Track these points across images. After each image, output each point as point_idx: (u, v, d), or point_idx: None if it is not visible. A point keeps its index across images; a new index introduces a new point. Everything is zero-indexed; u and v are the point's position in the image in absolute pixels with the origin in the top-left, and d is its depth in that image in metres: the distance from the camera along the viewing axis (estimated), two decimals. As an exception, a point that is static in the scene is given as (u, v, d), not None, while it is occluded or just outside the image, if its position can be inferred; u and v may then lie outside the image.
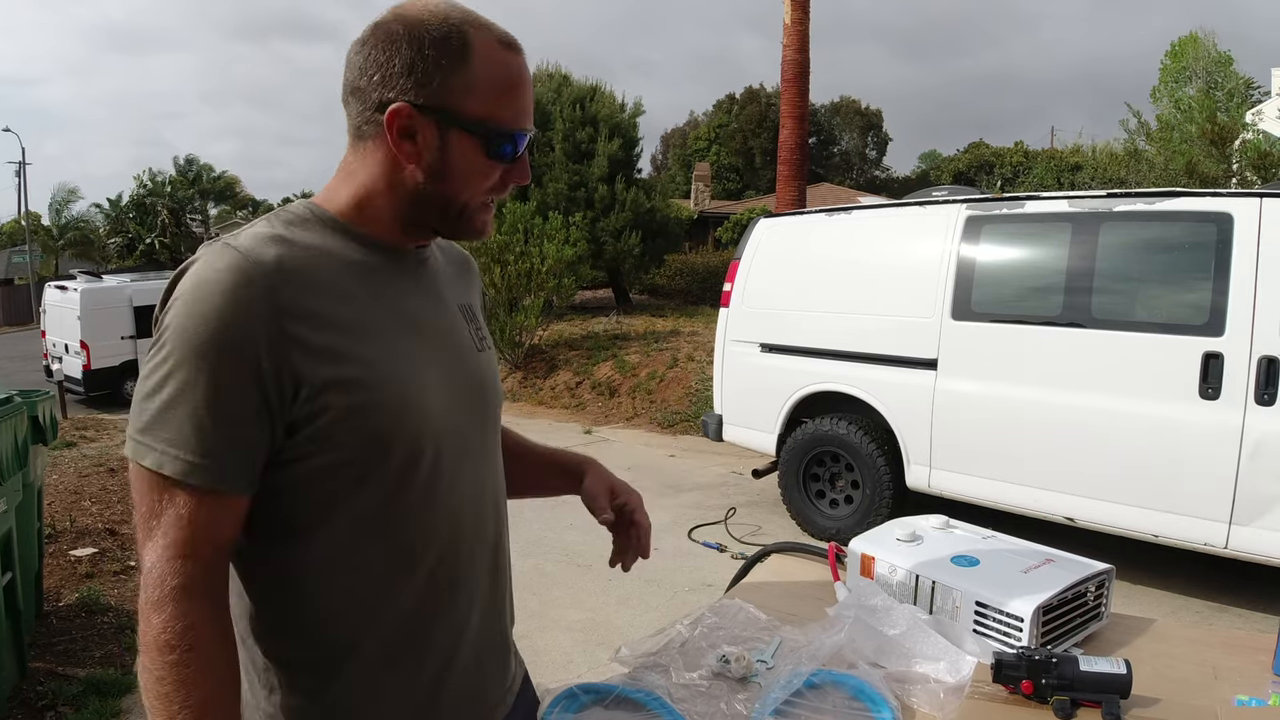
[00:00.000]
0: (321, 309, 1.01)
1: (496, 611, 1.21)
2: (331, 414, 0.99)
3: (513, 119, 1.07)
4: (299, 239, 1.05)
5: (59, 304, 14.86)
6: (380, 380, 1.02)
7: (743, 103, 47.42)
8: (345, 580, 1.04)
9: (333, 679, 1.05)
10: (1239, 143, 16.81)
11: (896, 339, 5.45)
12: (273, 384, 0.96)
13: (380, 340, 1.05)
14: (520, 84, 1.08)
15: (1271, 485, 4.07)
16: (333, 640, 1.05)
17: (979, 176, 38.06)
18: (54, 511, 6.27)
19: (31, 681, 3.72)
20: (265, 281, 0.96)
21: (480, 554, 1.16)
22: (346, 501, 1.03)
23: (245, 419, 0.96)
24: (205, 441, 0.94)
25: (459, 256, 1.33)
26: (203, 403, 0.94)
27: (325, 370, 0.98)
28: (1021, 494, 4.94)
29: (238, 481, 0.97)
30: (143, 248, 37.20)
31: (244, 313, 0.95)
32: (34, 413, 3.86)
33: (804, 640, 1.30)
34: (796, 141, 12.38)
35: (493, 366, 1.25)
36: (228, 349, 0.94)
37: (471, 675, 1.15)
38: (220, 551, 0.99)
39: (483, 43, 1.05)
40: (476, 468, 1.16)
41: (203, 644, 0.94)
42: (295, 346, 0.97)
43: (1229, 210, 4.34)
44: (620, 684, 1.20)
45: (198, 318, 0.94)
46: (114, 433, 11.02)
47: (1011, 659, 1.18)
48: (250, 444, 0.97)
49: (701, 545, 5.75)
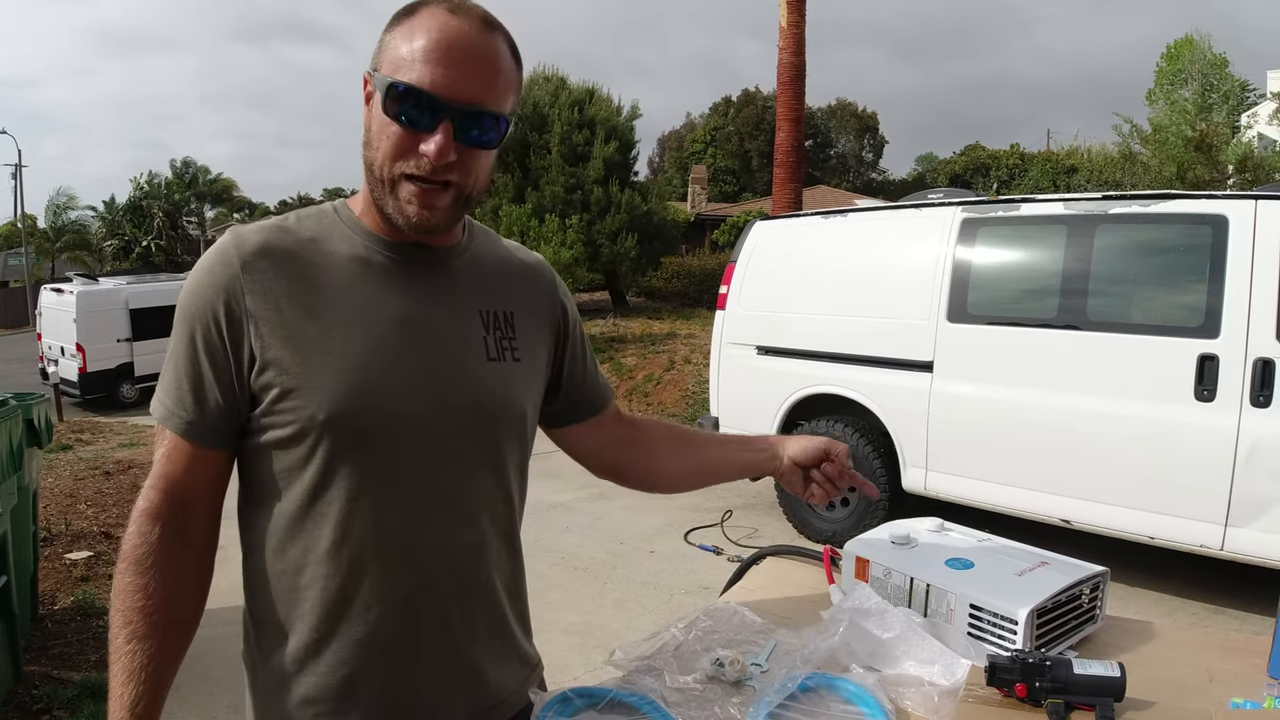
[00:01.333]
0: (286, 292, 1.07)
1: (456, 628, 1.16)
2: (275, 392, 1.05)
3: (419, 76, 1.02)
4: (299, 229, 1.12)
5: (55, 307, 14.85)
6: (326, 367, 1.05)
7: (739, 105, 47.49)
8: (281, 559, 1.10)
9: (275, 646, 1.12)
10: (1229, 148, 16.86)
11: (892, 341, 5.46)
12: (231, 353, 1.06)
13: (340, 332, 1.07)
14: (446, 45, 1.02)
15: (1267, 487, 4.08)
16: (273, 609, 1.12)
17: (975, 179, 38.13)
18: (49, 515, 6.27)
19: (27, 685, 3.72)
20: (239, 261, 1.06)
21: (439, 564, 1.14)
22: (285, 480, 1.08)
23: (210, 381, 1.06)
24: (180, 395, 1.07)
25: (523, 265, 1.32)
26: (181, 362, 1.08)
27: (275, 350, 1.05)
28: (1018, 496, 4.95)
29: (205, 436, 1.08)
30: (139, 250, 37.14)
31: (213, 286, 1.06)
32: (29, 415, 3.85)
33: (798, 643, 1.30)
34: (793, 144, 12.39)
35: (505, 377, 1.19)
36: (197, 317, 1.06)
37: (397, 690, 1.13)
38: (192, 496, 1.09)
39: (430, 10, 1.04)
40: (453, 473, 1.14)
41: (157, 563, 1.06)
42: (252, 323, 1.05)
43: (1224, 212, 4.35)
44: (614, 687, 1.20)
45: (186, 289, 1.09)
46: (110, 436, 11.00)
47: (1005, 662, 1.18)
48: (216, 404, 1.07)
49: (698, 548, 5.75)
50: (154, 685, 1.06)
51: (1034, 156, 37.77)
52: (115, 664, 1.04)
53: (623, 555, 5.55)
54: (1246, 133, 17.91)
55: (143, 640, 1.04)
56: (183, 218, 41.87)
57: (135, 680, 1.04)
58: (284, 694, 1.12)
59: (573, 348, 1.36)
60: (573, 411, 1.40)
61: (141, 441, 10.31)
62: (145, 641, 1.04)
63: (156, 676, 1.06)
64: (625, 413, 1.51)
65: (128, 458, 9.04)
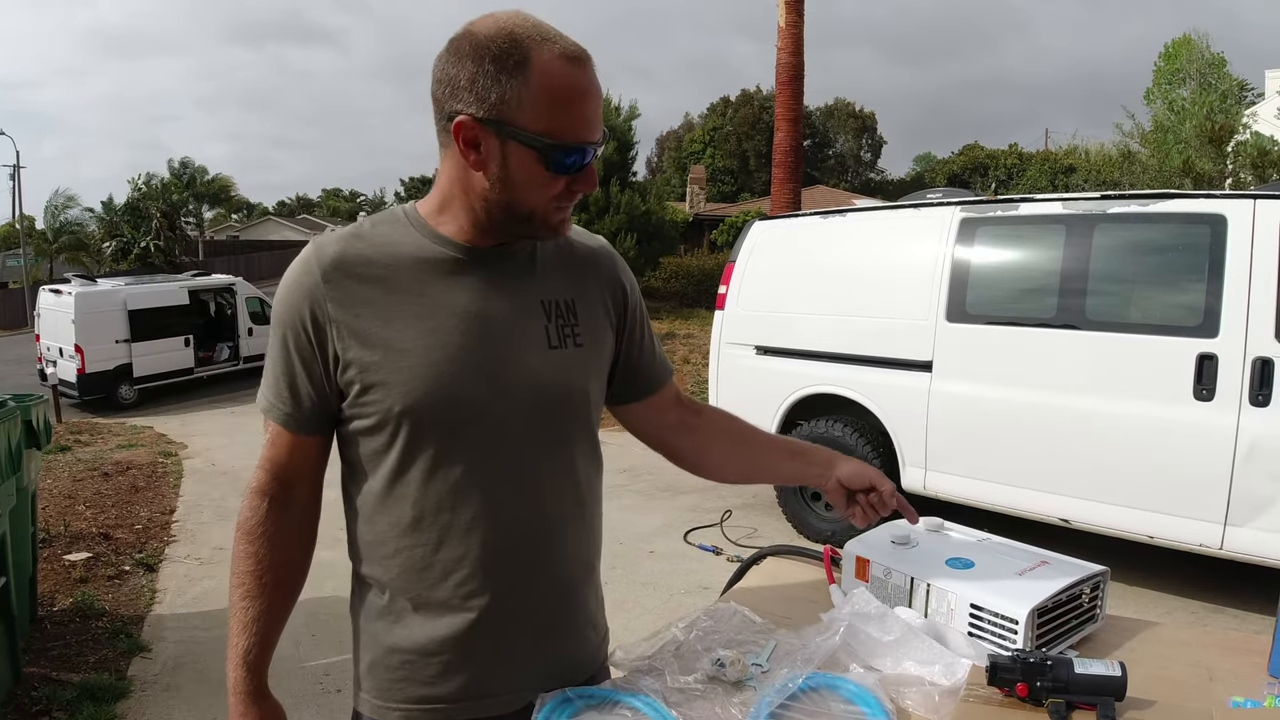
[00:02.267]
0: (362, 297, 1.19)
1: (526, 597, 1.27)
2: (357, 387, 1.19)
3: (570, 131, 1.12)
4: (373, 235, 1.23)
5: (54, 308, 14.82)
6: (401, 366, 1.17)
7: (737, 106, 47.51)
8: (372, 530, 1.25)
9: (372, 602, 1.28)
10: (1235, 142, 16.86)
11: (891, 341, 5.46)
12: (319, 354, 1.19)
13: (412, 330, 1.18)
14: (580, 96, 1.13)
15: (1266, 486, 4.08)
16: (369, 571, 1.27)
17: (974, 179, 38.16)
18: (48, 516, 6.27)
19: (26, 686, 3.71)
20: (319, 271, 1.19)
21: (509, 538, 1.24)
22: (371, 464, 1.23)
23: (303, 379, 1.21)
24: (278, 390, 1.22)
25: (586, 251, 1.38)
26: (277, 361, 1.22)
27: (355, 350, 1.18)
28: (1017, 496, 4.95)
29: (301, 425, 1.23)
30: (137, 251, 37.08)
31: (298, 294, 1.19)
32: (28, 417, 3.85)
33: (799, 644, 1.30)
34: (791, 144, 12.39)
35: (566, 362, 1.28)
36: (288, 323, 1.20)
37: (472, 651, 1.25)
38: (293, 476, 1.26)
39: (543, 57, 1.10)
40: (518, 455, 1.24)
41: (265, 533, 1.24)
42: (333, 326, 1.18)
43: (1223, 212, 4.35)
44: (614, 688, 1.20)
45: (277, 298, 1.22)
46: (108, 437, 11.00)
47: (1006, 662, 1.18)
48: (309, 398, 1.21)
49: (698, 548, 5.75)
50: (263, 637, 1.25)
51: (1032, 156, 37.83)
52: (232, 620, 1.24)
53: (622, 555, 5.54)
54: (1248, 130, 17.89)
55: (254, 599, 1.23)
56: (181, 218, 41.79)
57: (247, 633, 1.23)
58: (378, 642, 1.27)
59: (632, 328, 1.42)
60: (630, 390, 1.46)
61: (140, 443, 10.31)
62: (255, 600, 1.23)
63: (265, 630, 1.24)
64: (686, 397, 1.57)
65: (126, 459, 9.04)
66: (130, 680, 3.95)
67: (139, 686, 3.91)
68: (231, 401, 14.52)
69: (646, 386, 1.46)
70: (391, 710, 1.27)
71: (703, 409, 1.56)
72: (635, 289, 1.44)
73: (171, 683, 3.96)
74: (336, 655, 4.08)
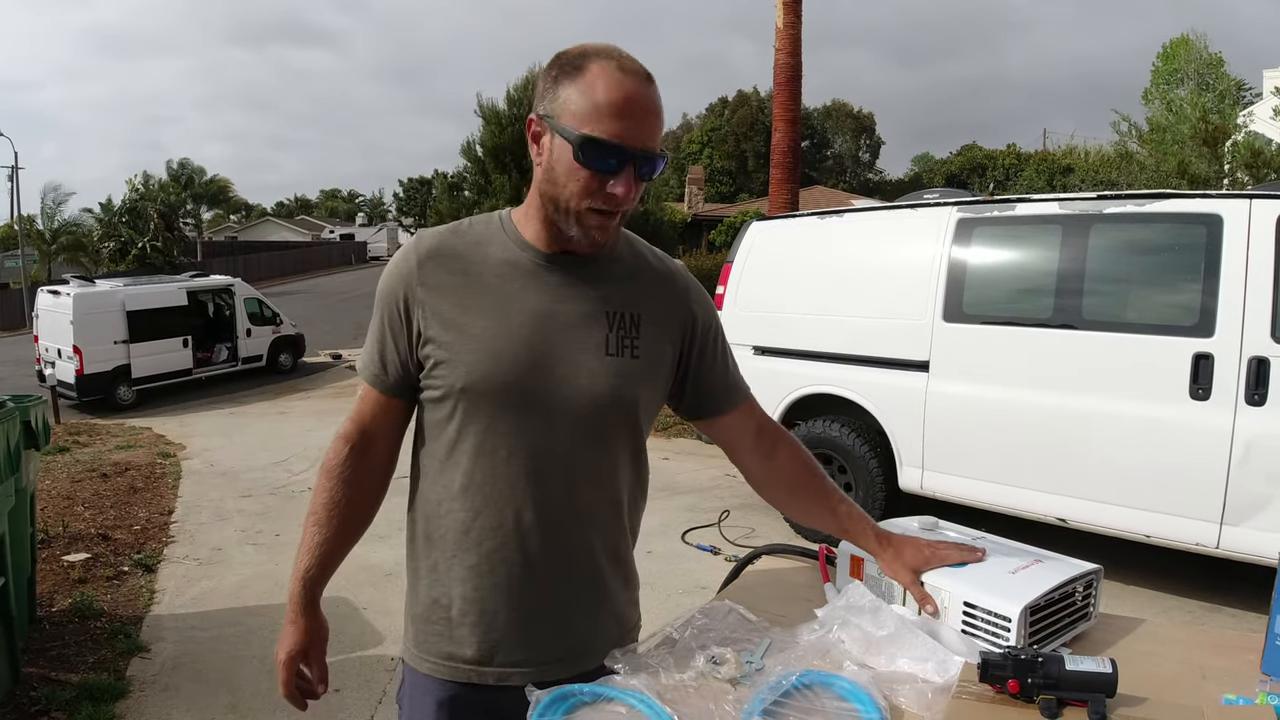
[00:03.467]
0: (449, 285, 1.35)
1: (546, 575, 1.38)
2: (431, 362, 1.35)
3: (604, 128, 1.22)
4: (468, 233, 1.41)
5: (52, 309, 14.81)
6: (469, 348, 1.32)
7: (735, 106, 47.52)
8: (432, 490, 1.41)
9: (423, 557, 1.44)
10: (1230, 143, 16.86)
11: (888, 341, 5.47)
12: (406, 329, 1.37)
13: (484, 319, 1.33)
14: (623, 100, 1.22)
15: (1262, 485, 4.09)
16: (424, 530, 1.43)
17: (971, 179, 38.18)
18: (47, 517, 6.27)
19: (25, 687, 3.72)
20: (416, 259, 1.38)
21: (542, 518, 1.36)
22: (435, 431, 1.39)
23: (391, 349, 1.39)
24: (371, 357, 1.42)
25: (659, 273, 1.48)
26: (375, 332, 1.41)
27: (434, 329, 1.34)
28: (1014, 495, 4.95)
29: (386, 388, 1.41)
30: (135, 252, 37.05)
31: (397, 277, 1.38)
32: (26, 418, 3.85)
33: (793, 641, 1.31)
34: (789, 145, 12.38)
35: (621, 370, 1.37)
36: (387, 300, 1.39)
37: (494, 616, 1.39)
38: (375, 430, 1.44)
39: (600, 66, 1.23)
40: (562, 445, 1.35)
41: (342, 474, 1.42)
42: (420, 307, 1.35)
43: (1218, 211, 4.36)
44: (609, 685, 1.21)
45: (382, 279, 1.41)
46: (106, 438, 10.99)
47: (998, 659, 1.19)
48: (395, 366, 1.39)
49: (695, 548, 5.76)
50: (323, 561, 1.43)
51: (1030, 156, 37.85)
52: (300, 543, 1.43)
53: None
54: (1242, 131, 17.89)
55: (321, 526, 1.42)
56: (179, 219, 41.76)
57: (311, 555, 1.42)
58: (422, 593, 1.44)
59: (701, 351, 1.51)
60: (697, 407, 1.56)
61: (138, 444, 10.30)
62: (323, 527, 1.42)
63: (326, 555, 1.43)
64: (772, 427, 1.64)
65: (124, 460, 9.04)
66: (129, 680, 3.96)
67: (137, 687, 3.91)
68: (230, 402, 14.52)
69: (715, 406, 1.56)
70: (424, 660, 1.43)
71: (781, 447, 1.60)
72: (709, 314, 1.53)
73: (170, 683, 3.96)
74: (336, 655, 4.09)
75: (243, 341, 17.04)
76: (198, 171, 45.62)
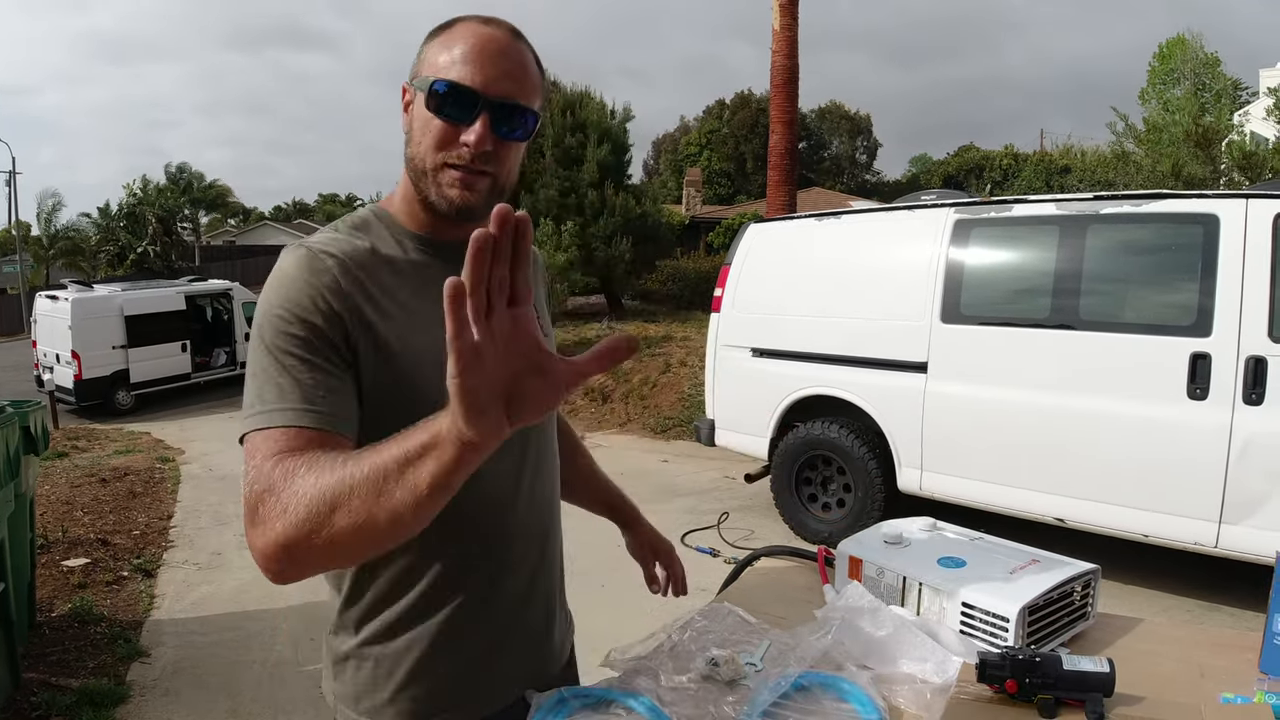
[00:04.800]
0: (374, 295, 1.14)
1: (534, 599, 1.33)
2: (369, 382, 1.12)
3: (458, 74, 1.11)
4: (358, 237, 1.19)
5: (50, 314, 14.78)
6: (413, 365, 1.13)
7: (733, 108, 47.52)
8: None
9: (371, 619, 1.21)
10: (1225, 144, 16.89)
11: (887, 342, 5.47)
12: (344, 351, 1.10)
13: (418, 328, 1.14)
14: (481, 49, 1.12)
15: (1260, 484, 4.10)
16: (376, 586, 1.20)
17: (968, 180, 38.17)
18: (46, 522, 6.26)
19: (25, 692, 3.71)
20: (332, 268, 1.12)
21: (520, 544, 1.28)
22: None
23: (328, 373, 1.08)
24: (301, 391, 1.05)
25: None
26: (296, 365, 1.07)
27: (372, 351, 1.12)
28: (1013, 495, 4.96)
29: (337, 423, 1.06)
30: (134, 257, 37.03)
31: (314, 294, 1.09)
32: (25, 423, 3.85)
33: (792, 643, 1.31)
34: (786, 147, 12.41)
35: None
36: (304, 324, 1.08)
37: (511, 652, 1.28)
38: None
39: (465, 23, 1.15)
40: (519, 459, 1.25)
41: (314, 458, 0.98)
42: (354, 324, 1.11)
43: (1215, 211, 4.37)
44: (609, 688, 1.21)
45: (278, 304, 1.09)
46: (105, 443, 10.98)
47: (996, 659, 1.19)
48: (337, 391, 1.08)
49: (695, 550, 5.75)
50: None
51: (1027, 157, 37.86)
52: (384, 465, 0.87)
53: (620, 558, 5.51)
54: (1236, 131, 17.93)
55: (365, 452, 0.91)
56: (177, 224, 41.73)
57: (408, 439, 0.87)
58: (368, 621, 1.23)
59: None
60: None
61: (137, 448, 10.29)
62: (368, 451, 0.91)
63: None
64: None
65: (123, 465, 9.03)
66: (129, 685, 3.95)
67: (138, 692, 3.91)
68: (229, 407, 14.49)
69: None
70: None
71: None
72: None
73: (170, 688, 3.96)
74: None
75: (241, 346, 16.98)
76: (196, 176, 45.58)
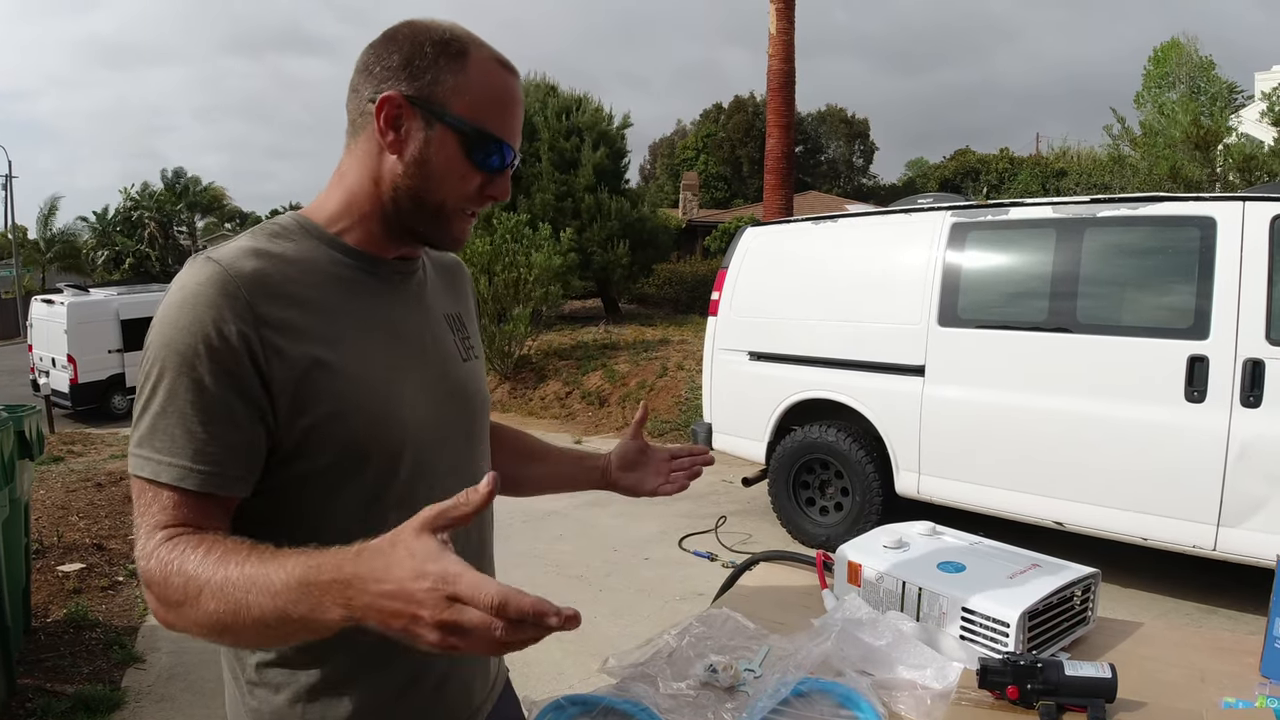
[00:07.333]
0: (298, 320, 1.01)
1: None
2: (306, 421, 0.99)
3: (499, 129, 1.08)
4: (280, 251, 1.05)
5: (46, 318, 14.77)
6: (355, 390, 1.03)
7: (730, 112, 47.54)
8: None
9: (301, 675, 1.07)
10: (1222, 146, 16.92)
11: (884, 346, 5.47)
12: (258, 390, 0.97)
13: (355, 351, 1.05)
14: (511, 101, 1.10)
15: (1258, 486, 4.09)
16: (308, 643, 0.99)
17: (965, 183, 38.19)
18: (41, 527, 6.23)
19: (20, 698, 3.70)
20: (244, 292, 0.97)
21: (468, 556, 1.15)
22: (325, 509, 1.03)
23: (234, 424, 0.96)
24: (196, 446, 0.95)
25: (449, 263, 1.34)
26: (190, 410, 0.95)
27: (301, 379, 0.99)
28: (1011, 499, 4.96)
29: (234, 485, 0.97)
30: (130, 261, 37.00)
31: (223, 321, 0.95)
32: (20, 427, 3.84)
33: (791, 649, 1.30)
34: (783, 150, 12.43)
35: (479, 375, 1.27)
36: (210, 357, 0.95)
37: (447, 684, 1.15)
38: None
39: (480, 56, 1.08)
40: (461, 479, 1.10)
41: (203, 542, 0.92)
42: (273, 354, 0.97)
43: (1212, 214, 4.37)
44: (607, 695, 1.20)
45: (182, 328, 0.96)
46: (101, 447, 10.95)
47: (996, 664, 1.19)
48: (241, 447, 0.97)
49: (692, 554, 5.75)
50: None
51: (1023, 160, 37.92)
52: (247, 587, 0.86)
53: (617, 562, 5.54)
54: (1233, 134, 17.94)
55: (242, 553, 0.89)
56: (174, 227, 41.72)
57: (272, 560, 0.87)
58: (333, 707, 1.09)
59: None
60: None
61: (133, 453, 10.26)
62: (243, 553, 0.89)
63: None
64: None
65: (119, 469, 8.99)
66: (124, 691, 3.94)
67: (133, 697, 3.89)
68: (225, 411, 14.46)
69: None
70: None
71: (497, 428, 1.49)
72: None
73: (165, 693, 3.94)
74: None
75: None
76: (193, 181, 45.55)
